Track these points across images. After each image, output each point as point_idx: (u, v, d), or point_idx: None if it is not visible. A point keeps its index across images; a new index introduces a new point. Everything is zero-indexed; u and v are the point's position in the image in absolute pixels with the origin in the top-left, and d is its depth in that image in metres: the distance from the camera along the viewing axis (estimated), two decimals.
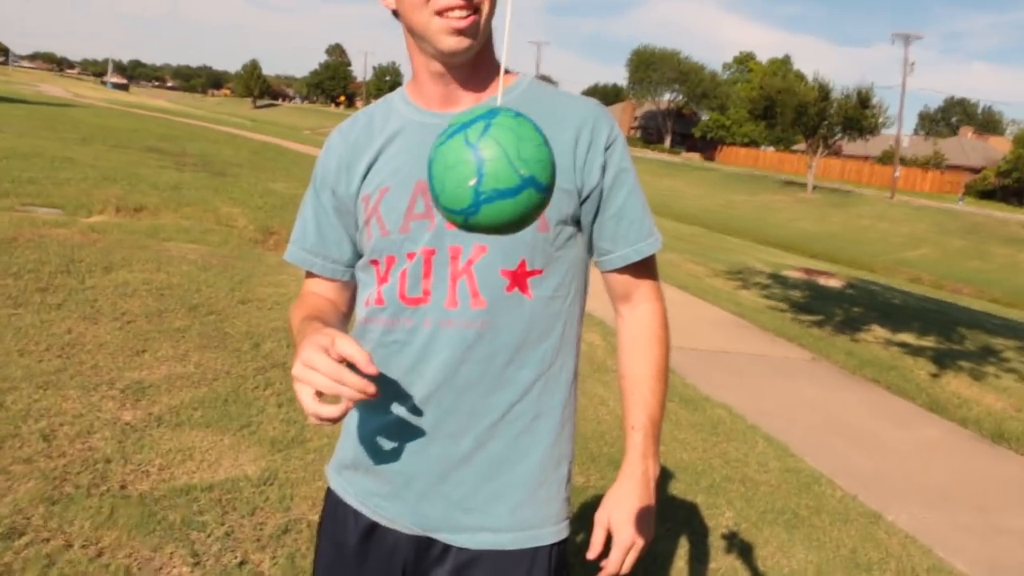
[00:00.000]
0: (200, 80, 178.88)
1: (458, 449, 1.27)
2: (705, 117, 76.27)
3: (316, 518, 2.93)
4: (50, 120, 22.14)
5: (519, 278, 1.22)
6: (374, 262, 1.29)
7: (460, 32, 1.15)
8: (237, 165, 15.36)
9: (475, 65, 1.23)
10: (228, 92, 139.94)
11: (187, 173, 12.84)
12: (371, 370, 1.02)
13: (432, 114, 1.26)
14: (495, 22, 1.22)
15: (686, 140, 76.51)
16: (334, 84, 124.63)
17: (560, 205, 1.22)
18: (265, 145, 24.86)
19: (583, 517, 2.17)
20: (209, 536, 2.73)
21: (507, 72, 1.28)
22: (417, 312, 1.24)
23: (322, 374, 1.01)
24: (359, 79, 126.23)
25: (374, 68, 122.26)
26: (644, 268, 1.35)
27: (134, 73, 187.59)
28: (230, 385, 4.07)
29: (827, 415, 5.46)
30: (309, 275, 1.42)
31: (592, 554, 1.28)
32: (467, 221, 0.85)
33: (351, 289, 1.41)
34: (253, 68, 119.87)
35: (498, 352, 1.24)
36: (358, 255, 1.37)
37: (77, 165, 11.87)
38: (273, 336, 4.93)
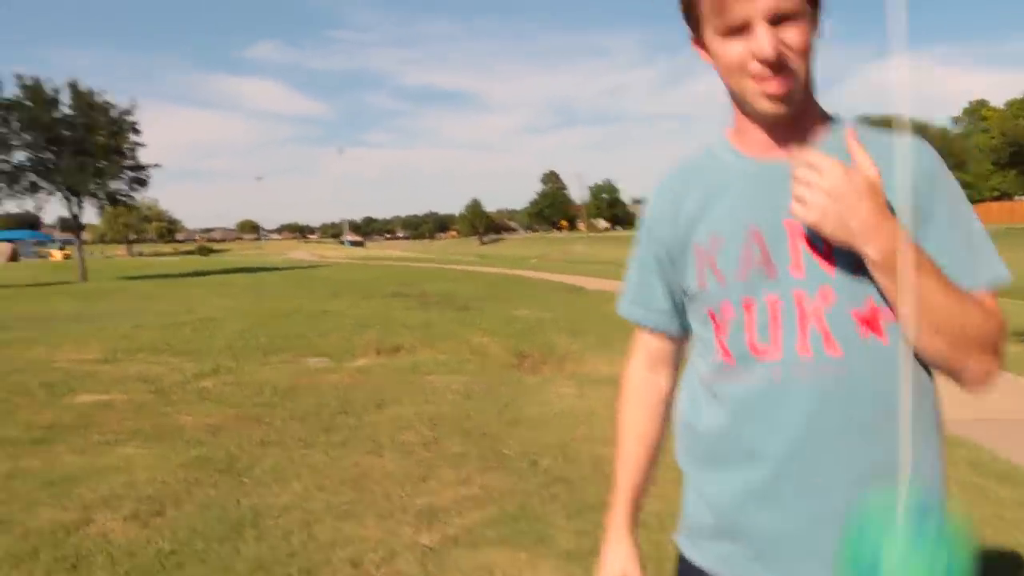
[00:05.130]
0: (427, 226, 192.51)
1: (828, 504, 1.22)
2: None
3: None
4: (302, 281, 24.64)
5: (871, 321, 1.20)
6: (710, 312, 1.31)
7: (775, 97, 1.19)
8: (478, 299, 16.23)
9: (798, 114, 1.24)
10: (455, 233, 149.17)
11: (433, 312, 13.73)
12: None
13: (757, 162, 1.29)
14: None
15: None
16: (553, 210, 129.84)
17: None
18: (499, 277, 26.08)
19: None
20: None
21: (829, 118, 1.30)
22: (768, 363, 1.24)
23: None
24: (577, 202, 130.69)
25: (590, 188, 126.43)
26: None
27: (367, 229, 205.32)
28: (516, 503, 4.20)
29: None
30: (638, 329, 1.50)
31: None
32: None
33: (678, 340, 1.47)
34: (475, 207, 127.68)
35: (859, 399, 1.20)
36: (682, 304, 1.41)
37: (333, 316, 13.08)
38: (548, 453, 5.05)
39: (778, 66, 1.16)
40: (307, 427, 5.83)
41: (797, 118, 1.25)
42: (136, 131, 33.08)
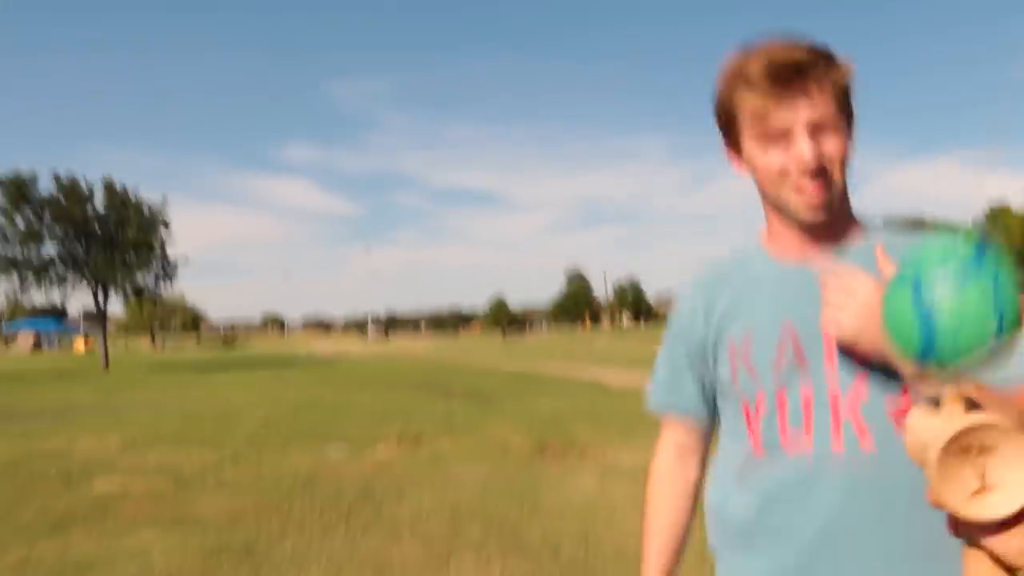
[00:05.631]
0: (450, 321, 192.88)
1: None
2: None
3: None
4: (326, 373, 24.72)
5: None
6: (744, 405, 1.35)
7: (814, 205, 1.24)
8: (500, 391, 16.17)
9: (832, 219, 1.29)
10: (478, 328, 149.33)
11: (455, 403, 13.70)
12: None
13: (790, 264, 1.33)
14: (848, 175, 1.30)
15: None
16: (577, 306, 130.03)
17: None
18: (522, 373, 26.01)
19: None
20: None
21: (860, 223, 1.35)
22: (799, 455, 1.27)
23: None
24: (600, 299, 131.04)
25: (613, 286, 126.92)
26: None
27: (390, 323, 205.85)
28: None
29: None
30: (666, 421, 1.54)
31: None
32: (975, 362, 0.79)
33: (706, 430, 1.51)
34: (499, 303, 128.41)
35: (891, 491, 1.22)
36: (712, 396, 1.45)
37: (356, 408, 13.08)
38: (569, 542, 4.98)
39: (818, 174, 1.21)
40: (327, 516, 5.79)
41: (831, 223, 1.29)
42: (166, 226, 33.73)
